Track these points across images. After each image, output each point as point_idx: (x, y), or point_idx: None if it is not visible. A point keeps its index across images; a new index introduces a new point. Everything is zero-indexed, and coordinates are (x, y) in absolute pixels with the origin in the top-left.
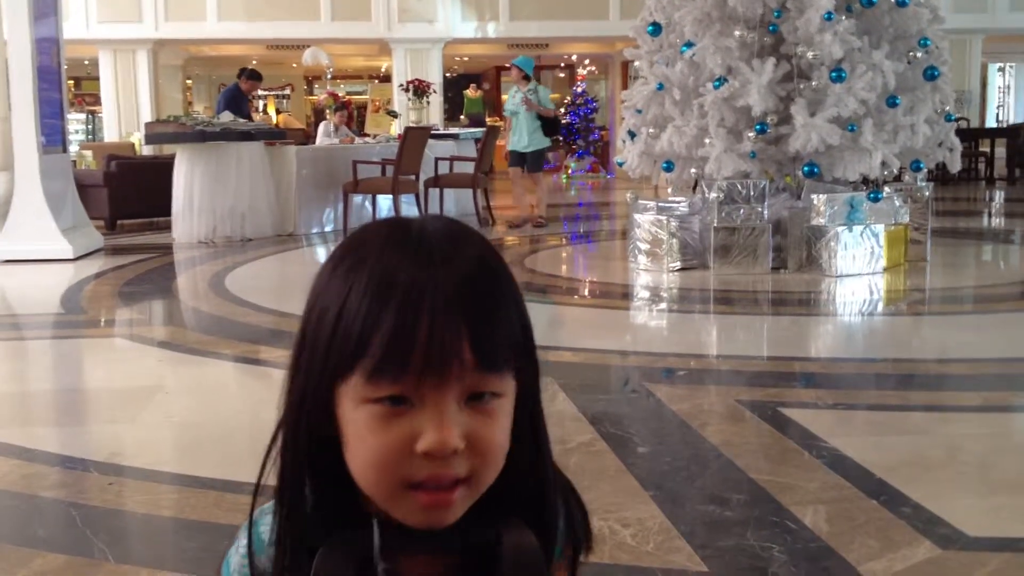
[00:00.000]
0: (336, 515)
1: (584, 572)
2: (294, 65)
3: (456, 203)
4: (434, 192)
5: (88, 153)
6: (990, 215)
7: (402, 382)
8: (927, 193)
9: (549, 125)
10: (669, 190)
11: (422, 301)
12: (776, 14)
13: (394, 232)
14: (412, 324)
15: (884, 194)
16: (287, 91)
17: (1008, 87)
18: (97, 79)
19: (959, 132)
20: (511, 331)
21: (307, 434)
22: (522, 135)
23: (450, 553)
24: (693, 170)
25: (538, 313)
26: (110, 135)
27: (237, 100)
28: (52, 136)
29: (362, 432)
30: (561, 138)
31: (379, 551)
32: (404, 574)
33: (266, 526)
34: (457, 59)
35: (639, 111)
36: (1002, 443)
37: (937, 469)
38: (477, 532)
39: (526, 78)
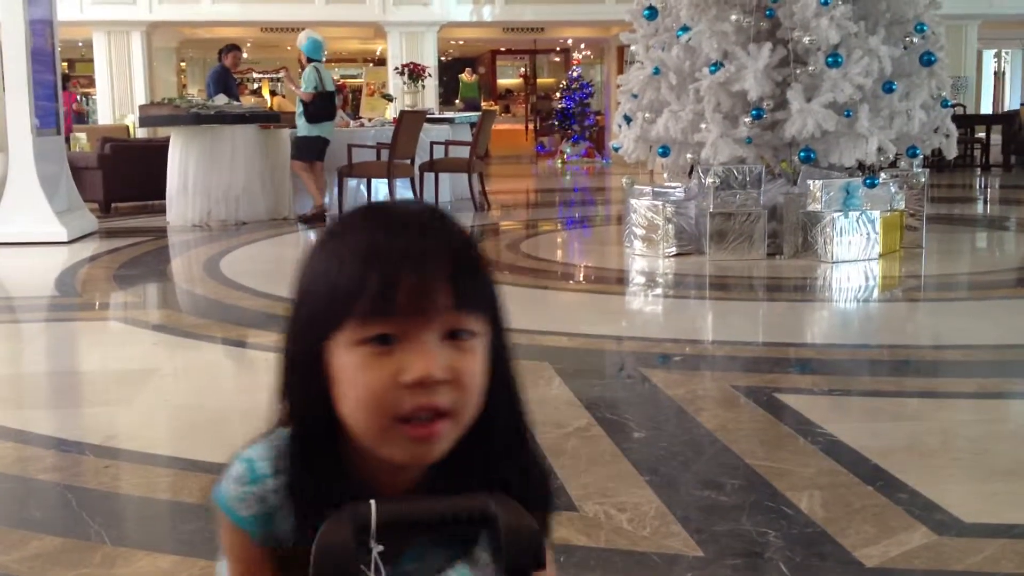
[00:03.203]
0: (329, 482)
1: (580, 556)
2: (288, 48)
3: (451, 187)
4: (429, 176)
5: (82, 135)
6: (986, 202)
7: (391, 320)
8: (923, 179)
9: (316, 109)
10: (665, 175)
11: (406, 257)
12: None
13: (374, 214)
14: (398, 273)
15: (880, 180)
16: (281, 74)
17: (1003, 73)
18: (91, 61)
19: (955, 118)
20: (484, 287)
21: (307, 389)
22: None
23: (444, 530)
24: (689, 155)
25: (533, 298)
26: (104, 117)
27: (225, 79)
28: (46, 118)
29: (354, 373)
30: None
31: (375, 530)
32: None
33: (263, 461)
34: (452, 43)
35: (635, 96)
36: (997, 429)
37: (933, 455)
38: (471, 509)
39: (309, 60)
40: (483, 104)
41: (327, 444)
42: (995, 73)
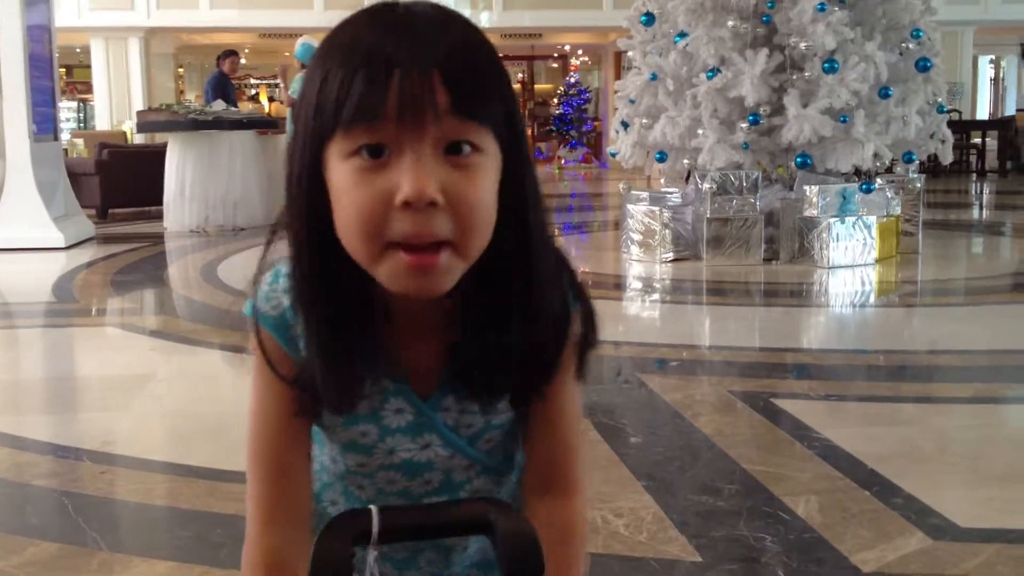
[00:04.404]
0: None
1: None
2: (287, 54)
3: None
4: None
5: (80, 141)
6: (982, 207)
7: (378, 128)
8: (919, 185)
9: None
10: (662, 181)
11: (396, 55)
12: (769, 4)
13: (378, 13)
14: (385, 72)
15: (876, 186)
16: (277, 70)
17: (1001, 79)
18: (89, 67)
19: (951, 124)
20: (491, 90)
21: (308, 205)
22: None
23: (443, 535)
24: (686, 161)
25: None
26: (102, 123)
27: (223, 85)
28: (43, 124)
29: (345, 187)
30: None
31: (377, 535)
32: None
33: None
34: None
35: (632, 101)
36: (993, 434)
37: (929, 460)
38: (470, 517)
39: (303, 67)
40: None
41: (330, 266)
42: (991, 79)
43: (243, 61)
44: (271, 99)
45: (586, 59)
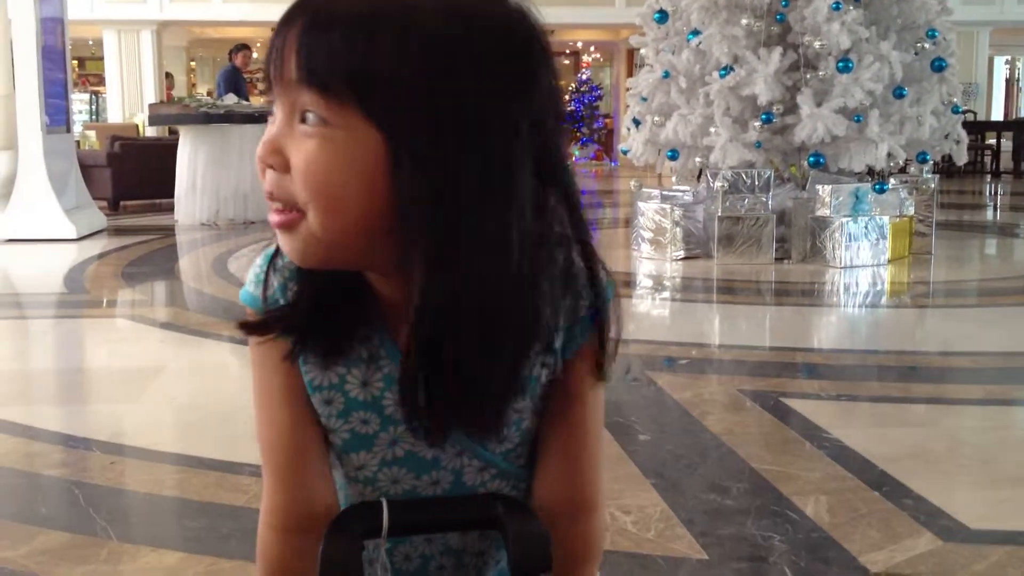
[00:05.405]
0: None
1: None
2: None
3: None
4: None
5: (91, 133)
6: (996, 208)
7: (272, 91)
8: (932, 185)
9: None
10: (673, 179)
11: (288, 15)
12: (783, 3)
13: None
14: (273, 37)
15: (889, 186)
16: None
17: (1016, 79)
18: (101, 59)
19: (965, 124)
20: (365, 62)
21: None
22: None
23: (453, 529)
24: (698, 159)
25: None
26: (114, 116)
27: (236, 79)
28: (56, 116)
29: None
30: None
31: (387, 529)
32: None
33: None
34: None
35: (644, 99)
36: (1004, 436)
37: (939, 461)
38: (480, 514)
39: None
40: None
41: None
42: (1006, 80)
43: (255, 55)
44: None
45: (598, 56)
